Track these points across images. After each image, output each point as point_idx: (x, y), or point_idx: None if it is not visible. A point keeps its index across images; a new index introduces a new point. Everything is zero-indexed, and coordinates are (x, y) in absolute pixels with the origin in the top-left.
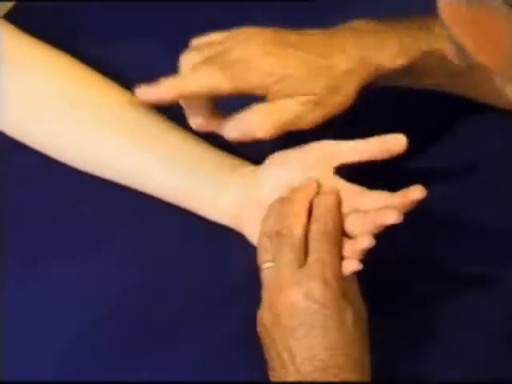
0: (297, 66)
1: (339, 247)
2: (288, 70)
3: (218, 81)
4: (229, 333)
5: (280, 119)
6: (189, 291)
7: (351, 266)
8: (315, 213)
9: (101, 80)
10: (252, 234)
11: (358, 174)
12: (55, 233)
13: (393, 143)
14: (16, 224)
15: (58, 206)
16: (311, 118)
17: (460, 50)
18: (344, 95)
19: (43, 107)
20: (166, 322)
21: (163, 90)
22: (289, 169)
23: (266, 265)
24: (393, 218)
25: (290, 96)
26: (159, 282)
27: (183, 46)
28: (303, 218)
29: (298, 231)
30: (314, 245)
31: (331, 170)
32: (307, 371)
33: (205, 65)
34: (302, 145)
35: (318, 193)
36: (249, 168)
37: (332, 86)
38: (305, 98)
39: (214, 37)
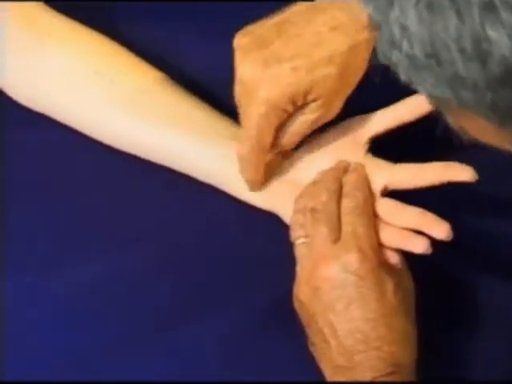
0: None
1: (372, 219)
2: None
3: None
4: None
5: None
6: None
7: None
8: (344, 190)
9: (135, 60)
10: (287, 214)
11: None
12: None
13: (421, 101)
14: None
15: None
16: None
17: (460, 129)
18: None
19: (80, 85)
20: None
21: None
22: (324, 154)
23: (300, 240)
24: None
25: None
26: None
27: (212, 30)
28: (336, 195)
29: (332, 206)
30: (346, 219)
31: (364, 148)
32: (349, 344)
33: None
34: (332, 128)
35: (347, 172)
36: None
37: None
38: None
39: None
